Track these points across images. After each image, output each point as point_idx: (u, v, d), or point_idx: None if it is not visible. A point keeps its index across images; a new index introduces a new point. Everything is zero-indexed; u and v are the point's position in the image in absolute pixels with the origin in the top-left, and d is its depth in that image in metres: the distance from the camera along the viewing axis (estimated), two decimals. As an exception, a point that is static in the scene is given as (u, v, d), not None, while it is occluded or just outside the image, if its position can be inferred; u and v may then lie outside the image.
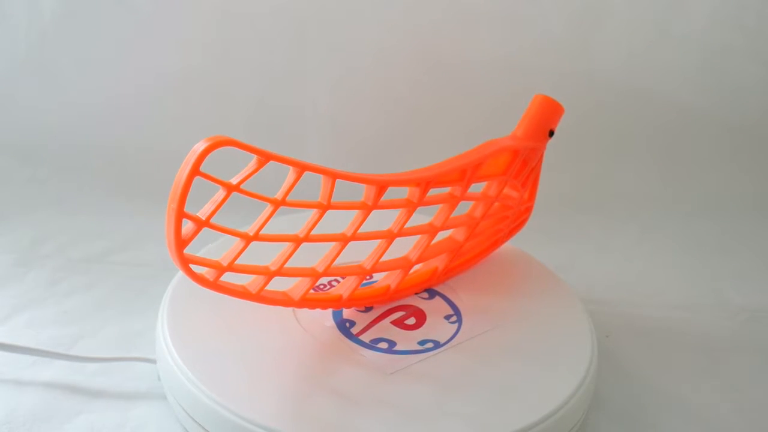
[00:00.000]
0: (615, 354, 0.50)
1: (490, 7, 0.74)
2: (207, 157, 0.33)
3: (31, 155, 0.71)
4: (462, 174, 0.44)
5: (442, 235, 0.47)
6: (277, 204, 0.37)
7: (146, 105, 0.74)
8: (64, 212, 0.64)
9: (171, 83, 0.74)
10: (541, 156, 0.49)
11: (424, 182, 0.42)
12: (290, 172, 0.37)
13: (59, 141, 0.72)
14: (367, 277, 0.48)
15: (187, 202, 0.34)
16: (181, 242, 0.34)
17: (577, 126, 0.76)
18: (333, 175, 0.38)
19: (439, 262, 0.48)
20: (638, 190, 0.73)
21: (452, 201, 0.45)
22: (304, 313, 0.44)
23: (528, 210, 0.51)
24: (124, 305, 0.52)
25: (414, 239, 0.46)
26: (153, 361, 0.44)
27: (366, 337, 0.43)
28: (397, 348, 0.42)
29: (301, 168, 0.37)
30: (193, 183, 0.33)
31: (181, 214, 0.34)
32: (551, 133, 0.47)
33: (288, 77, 0.75)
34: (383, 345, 0.43)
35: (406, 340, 0.43)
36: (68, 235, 0.61)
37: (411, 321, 0.45)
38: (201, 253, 0.43)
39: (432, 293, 0.48)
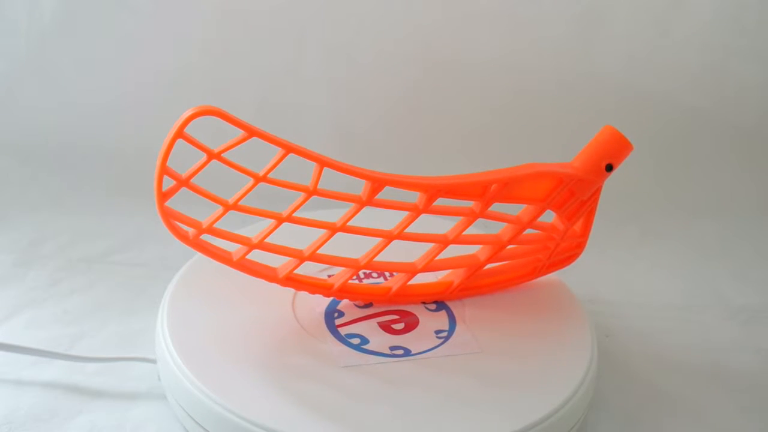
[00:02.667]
0: (615, 354, 0.50)
1: (490, 7, 0.74)
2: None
3: (31, 155, 0.71)
4: (483, 189, 0.42)
5: (467, 251, 0.45)
6: (257, 179, 0.38)
7: (146, 105, 0.74)
8: (64, 212, 0.64)
9: (171, 83, 0.74)
10: (597, 191, 0.45)
11: (430, 189, 0.41)
12: (278, 152, 0.38)
13: (59, 141, 0.72)
14: (379, 275, 0.48)
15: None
16: (162, 195, 0.37)
17: (577, 127, 0.76)
18: (321, 162, 0.39)
19: (455, 277, 0.46)
20: (639, 191, 0.73)
21: (469, 216, 0.43)
22: (303, 306, 0.45)
23: (579, 246, 0.47)
24: (124, 305, 0.52)
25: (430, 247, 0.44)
26: (153, 361, 0.44)
27: (344, 330, 0.43)
28: (366, 347, 0.42)
29: (287, 149, 0.38)
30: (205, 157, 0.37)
31: (163, 170, 0.37)
32: (608, 168, 0.43)
33: (288, 77, 0.75)
34: (355, 341, 0.43)
35: (381, 342, 0.43)
36: (68, 235, 0.61)
37: (399, 326, 0.44)
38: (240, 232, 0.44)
39: (440, 306, 0.46)
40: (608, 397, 0.46)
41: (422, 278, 0.46)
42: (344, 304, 0.46)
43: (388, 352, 0.42)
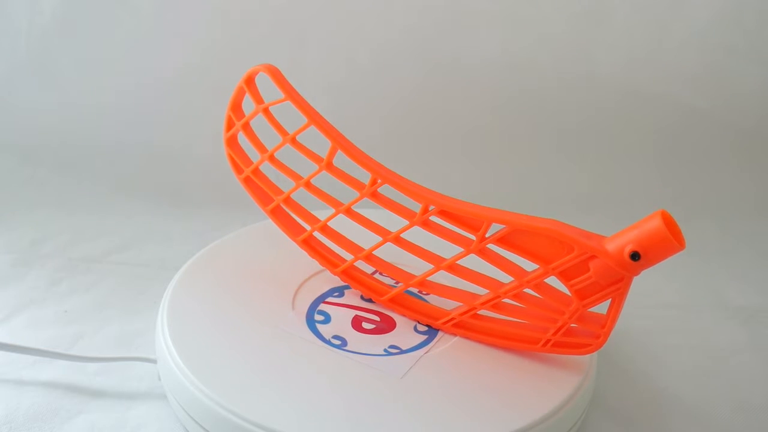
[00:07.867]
0: (615, 354, 0.50)
1: (490, 7, 0.74)
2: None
3: (31, 155, 0.71)
4: (478, 223, 0.39)
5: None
6: (285, 139, 0.43)
7: (146, 105, 0.74)
8: (64, 212, 0.64)
9: (171, 83, 0.74)
10: (622, 283, 0.38)
11: (425, 202, 0.40)
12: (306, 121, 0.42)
13: (59, 141, 0.72)
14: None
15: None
16: (228, 127, 0.45)
17: (577, 127, 0.76)
18: (336, 142, 0.42)
19: (454, 312, 0.43)
20: (638, 191, 0.73)
21: (464, 247, 0.40)
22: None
23: (598, 337, 0.40)
24: (124, 305, 0.52)
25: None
26: (153, 361, 0.44)
27: (323, 307, 0.45)
28: (318, 328, 0.43)
29: (310, 119, 0.42)
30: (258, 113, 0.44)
31: (232, 110, 0.44)
32: (634, 256, 0.35)
33: (288, 77, 0.75)
34: (319, 317, 0.44)
35: (333, 328, 0.43)
36: (68, 235, 0.61)
37: (368, 326, 0.44)
38: (316, 213, 0.46)
39: (429, 331, 0.44)
40: (608, 397, 0.46)
41: (443, 302, 0.45)
42: (352, 290, 0.47)
43: (328, 338, 0.43)
